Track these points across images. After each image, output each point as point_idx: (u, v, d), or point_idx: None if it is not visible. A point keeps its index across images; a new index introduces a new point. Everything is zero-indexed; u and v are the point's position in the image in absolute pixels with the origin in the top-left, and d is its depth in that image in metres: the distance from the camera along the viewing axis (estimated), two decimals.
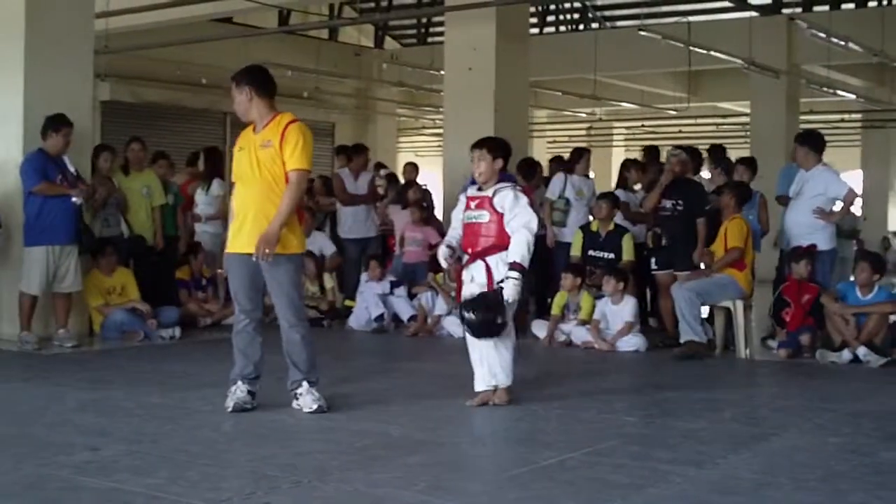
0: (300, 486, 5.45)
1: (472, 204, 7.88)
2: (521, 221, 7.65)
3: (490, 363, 7.79)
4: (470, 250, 7.85)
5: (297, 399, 7.47)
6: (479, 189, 7.93)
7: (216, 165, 14.37)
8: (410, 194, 14.20)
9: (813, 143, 11.48)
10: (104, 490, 5.34)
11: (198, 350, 11.12)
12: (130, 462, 5.94)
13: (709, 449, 6.49)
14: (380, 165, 16.54)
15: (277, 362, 7.54)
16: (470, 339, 7.84)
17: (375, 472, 5.75)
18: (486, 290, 7.65)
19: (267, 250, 7.19)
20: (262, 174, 7.37)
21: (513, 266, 7.58)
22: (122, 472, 5.69)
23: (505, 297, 7.54)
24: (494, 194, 7.79)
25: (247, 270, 7.44)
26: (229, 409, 7.36)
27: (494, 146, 8.03)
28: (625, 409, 7.78)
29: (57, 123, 10.82)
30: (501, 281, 7.59)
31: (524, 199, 7.76)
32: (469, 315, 7.62)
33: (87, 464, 5.87)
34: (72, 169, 10.98)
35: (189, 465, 5.85)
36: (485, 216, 7.78)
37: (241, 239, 7.42)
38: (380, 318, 12.60)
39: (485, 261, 7.72)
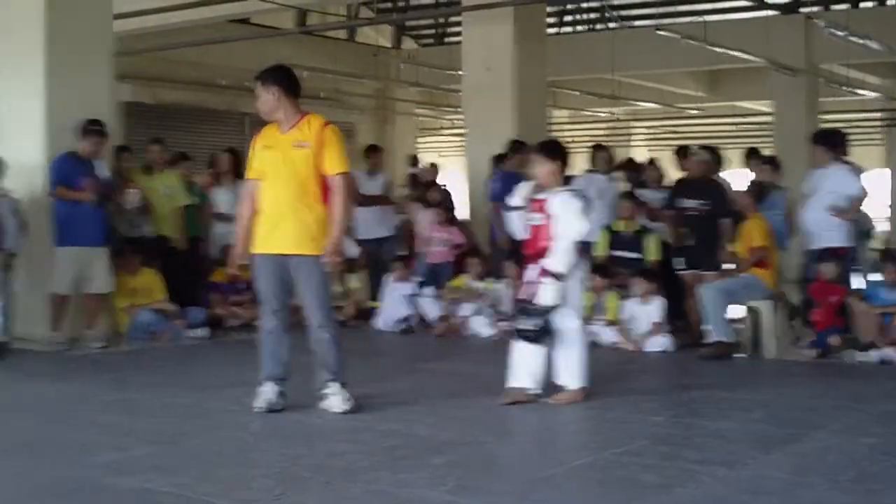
0: (328, 487, 5.44)
1: (534, 206, 7.97)
2: (564, 228, 7.75)
3: (528, 366, 7.88)
4: (528, 252, 7.98)
5: (325, 399, 7.46)
6: (540, 192, 7.99)
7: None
8: (431, 194, 14.16)
9: (826, 141, 11.43)
10: (132, 490, 5.35)
11: (225, 351, 11.13)
12: (158, 462, 5.95)
13: (738, 449, 6.46)
14: (415, 160, 16.39)
15: (305, 363, 7.53)
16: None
17: (403, 473, 5.73)
18: (534, 292, 7.77)
19: (337, 259, 7.34)
20: (296, 175, 7.35)
21: (548, 273, 7.72)
22: (150, 471, 5.69)
23: (542, 303, 7.68)
24: (550, 198, 7.84)
25: (277, 271, 7.43)
26: (259, 410, 7.34)
27: (549, 149, 8.10)
28: (653, 410, 7.73)
29: (87, 129, 10.90)
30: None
31: (576, 204, 7.79)
32: (517, 325, 7.82)
33: (116, 464, 5.88)
34: (103, 173, 10.98)
35: (217, 465, 5.86)
36: (540, 219, 7.89)
37: (274, 240, 7.40)
38: (406, 318, 12.58)
39: (538, 263, 7.83)
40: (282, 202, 7.38)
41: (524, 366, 7.88)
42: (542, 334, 7.74)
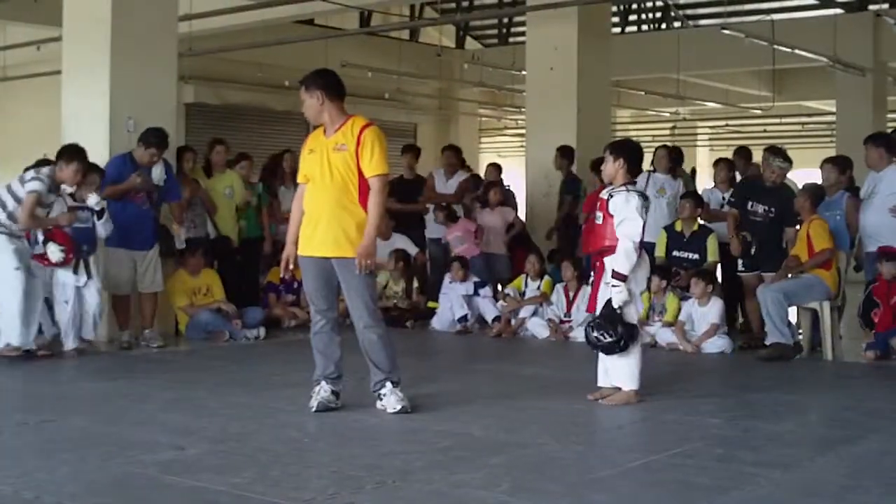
0: (383, 487, 5.45)
1: (599, 205, 8.04)
2: (622, 229, 7.76)
3: (608, 366, 7.99)
4: (590, 250, 8.15)
5: (380, 399, 7.48)
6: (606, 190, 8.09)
7: None
8: (492, 195, 14.17)
9: (883, 142, 11.32)
10: (188, 488, 5.39)
11: (282, 351, 11.19)
12: (214, 461, 5.98)
13: (794, 451, 6.43)
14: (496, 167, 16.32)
15: (359, 363, 7.56)
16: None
17: (458, 473, 5.73)
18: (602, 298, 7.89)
19: (368, 261, 7.29)
20: (335, 177, 7.38)
21: (612, 275, 7.74)
22: (206, 470, 5.72)
23: (612, 305, 7.75)
24: (610, 196, 7.86)
25: (321, 273, 7.47)
26: (313, 410, 7.38)
27: (618, 147, 8.12)
28: (710, 411, 7.69)
29: (147, 139, 10.98)
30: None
31: (634, 203, 7.78)
32: (591, 336, 7.85)
33: (172, 462, 5.92)
34: (155, 180, 11.06)
35: (273, 464, 5.88)
36: (600, 217, 7.93)
37: (315, 242, 7.45)
38: (463, 318, 12.58)
39: (602, 262, 7.90)
40: (322, 205, 7.42)
41: (604, 366, 8.02)
42: (622, 343, 7.77)
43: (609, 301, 7.77)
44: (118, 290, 10.98)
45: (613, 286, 7.74)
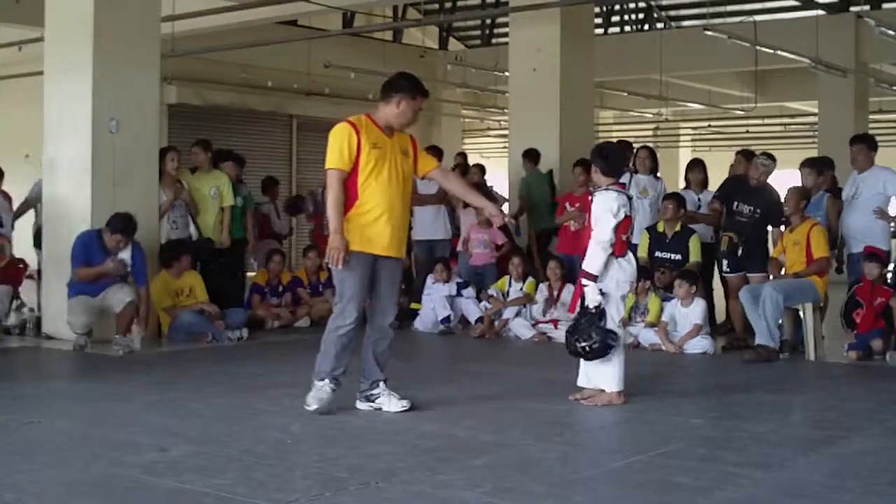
0: (367, 488, 5.46)
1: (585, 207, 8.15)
2: (595, 230, 7.82)
3: (589, 369, 8.00)
4: (578, 252, 8.28)
5: (371, 401, 7.51)
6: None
7: None
8: None
9: (867, 142, 11.36)
10: (171, 490, 5.38)
11: (265, 352, 11.18)
12: (198, 462, 5.97)
13: (777, 452, 6.45)
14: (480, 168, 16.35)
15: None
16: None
17: (441, 474, 5.74)
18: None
19: None
20: (404, 181, 7.48)
21: (580, 273, 7.84)
22: (189, 472, 5.72)
23: (587, 305, 7.77)
24: (592, 198, 7.97)
25: (369, 271, 7.43)
26: (314, 409, 7.30)
27: (592, 155, 8.25)
28: (692, 412, 7.72)
29: (113, 224, 10.80)
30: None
31: (608, 203, 7.81)
32: (569, 340, 7.88)
33: (155, 464, 5.91)
34: (121, 256, 10.88)
35: (256, 465, 5.88)
36: (585, 220, 8.09)
37: (394, 243, 7.46)
38: (446, 319, 12.58)
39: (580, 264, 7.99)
40: (395, 206, 7.41)
41: (584, 367, 8.02)
42: (601, 349, 7.77)
43: (585, 306, 7.78)
44: (76, 331, 10.84)
45: (584, 285, 7.79)
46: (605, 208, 7.78)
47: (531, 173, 14.90)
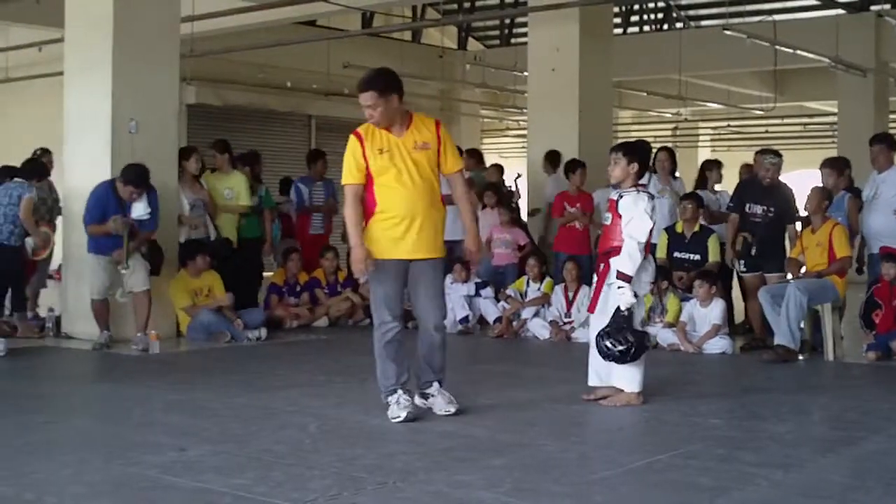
0: (385, 488, 5.46)
1: (609, 206, 8.03)
2: (629, 229, 7.73)
3: (599, 368, 7.99)
4: (599, 251, 8.09)
5: (424, 398, 7.48)
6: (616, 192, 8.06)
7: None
8: (487, 197, 14.10)
9: (887, 142, 11.31)
10: (190, 490, 5.40)
11: (284, 352, 11.19)
12: (216, 462, 5.99)
13: (796, 452, 6.42)
14: (499, 168, 16.34)
15: (361, 364, 7.56)
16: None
17: (460, 474, 5.74)
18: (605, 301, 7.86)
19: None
20: (424, 177, 7.30)
21: (616, 275, 7.73)
22: (207, 472, 5.73)
23: (620, 307, 7.71)
24: (620, 197, 7.85)
25: (401, 276, 7.34)
26: (401, 420, 7.14)
27: (631, 149, 8.04)
28: (711, 412, 7.69)
29: (126, 175, 10.79)
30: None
31: (643, 205, 7.75)
32: (602, 345, 7.77)
33: (174, 463, 5.93)
34: (136, 215, 10.86)
35: (275, 465, 5.89)
36: (609, 218, 7.92)
37: (408, 245, 7.28)
38: (465, 319, 12.58)
39: (608, 263, 7.86)
40: (416, 206, 7.25)
41: (593, 366, 8.01)
42: (634, 352, 7.71)
43: (618, 308, 7.74)
44: (95, 296, 10.94)
45: (618, 287, 7.71)
46: (640, 209, 7.71)
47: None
